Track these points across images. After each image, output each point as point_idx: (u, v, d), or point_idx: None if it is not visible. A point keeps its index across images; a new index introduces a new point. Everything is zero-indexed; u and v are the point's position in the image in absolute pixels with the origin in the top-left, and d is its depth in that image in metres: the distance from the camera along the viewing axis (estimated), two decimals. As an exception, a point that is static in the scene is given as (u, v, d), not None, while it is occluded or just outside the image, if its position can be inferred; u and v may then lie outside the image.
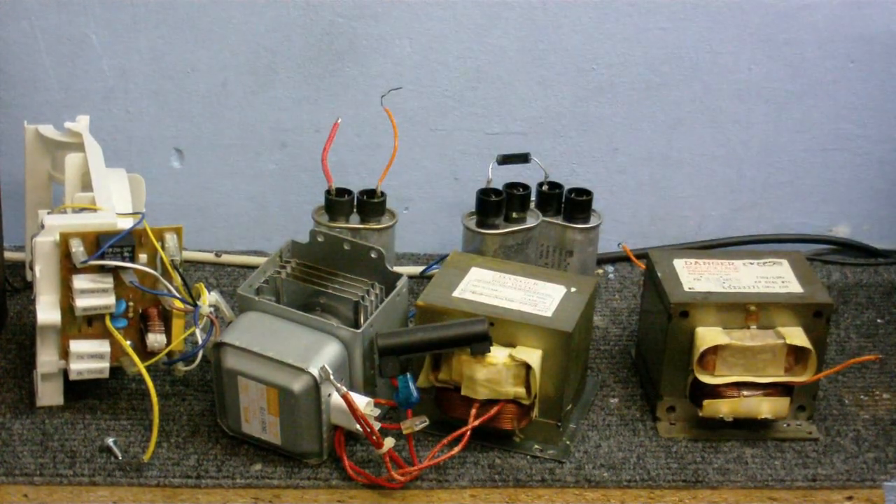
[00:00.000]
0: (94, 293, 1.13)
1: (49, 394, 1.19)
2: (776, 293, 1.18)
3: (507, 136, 1.46)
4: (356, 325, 1.17)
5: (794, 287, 1.19)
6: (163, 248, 1.14)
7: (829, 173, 1.51)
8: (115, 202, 1.19)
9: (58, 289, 1.14)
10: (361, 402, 1.10)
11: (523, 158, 1.37)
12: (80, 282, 1.13)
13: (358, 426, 1.09)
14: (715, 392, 1.16)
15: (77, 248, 1.12)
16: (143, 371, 1.13)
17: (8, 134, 1.42)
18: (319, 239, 1.23)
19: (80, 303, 1.13)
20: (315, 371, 1.09)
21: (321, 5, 1.40)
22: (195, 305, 1.15)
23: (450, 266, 1.23)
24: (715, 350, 1.15)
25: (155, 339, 1.16)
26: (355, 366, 1.14)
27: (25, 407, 1.20)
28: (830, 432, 1.21)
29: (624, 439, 1.19)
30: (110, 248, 1.12)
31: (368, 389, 1.16)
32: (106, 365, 1.16)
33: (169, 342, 1.17)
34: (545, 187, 1.37)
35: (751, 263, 1.23)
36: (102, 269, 1.14)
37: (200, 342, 1.15)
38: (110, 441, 1.15)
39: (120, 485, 1.11)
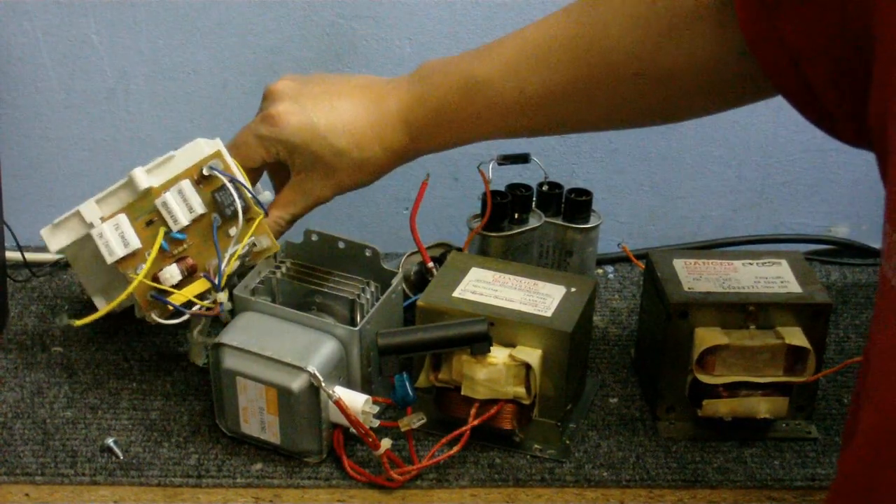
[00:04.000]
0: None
1: None
2: (775, 293, 1.18)
3: (506, 136, 1.46)
4: (353, 322, 1.17)
5: (794, 287, 1.19)
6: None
7: (828, 173, 1.51)
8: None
9: None
10: (360, 399, 1.11)
11: (523, 159, 1.37)
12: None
13: (357, 424, 1.10)
14: (714, 392, 1.16)
15: None
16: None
17: (8, 134, 1.42)
18: (314, 238, 1.24)
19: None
20: (314, 370, 1.09)
21: (321, 5, 1.40)
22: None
23: (450, 266, 1.23)
24: (714, 350, 1.15)
25: (171, 273, 1.16)
26: (353, 363, 1.15)
27: (26, 406, 1.20)
28: (829, 432, 1.21)
29: (624, 439, 1.19)
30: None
31: (366, 387, 1.16)
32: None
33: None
34: (545, 188, 1.37)
35: (750, 263, 1.23)
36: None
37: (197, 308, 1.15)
38: (111, 441, 1.15)
39: (121, 484, 1.12)
